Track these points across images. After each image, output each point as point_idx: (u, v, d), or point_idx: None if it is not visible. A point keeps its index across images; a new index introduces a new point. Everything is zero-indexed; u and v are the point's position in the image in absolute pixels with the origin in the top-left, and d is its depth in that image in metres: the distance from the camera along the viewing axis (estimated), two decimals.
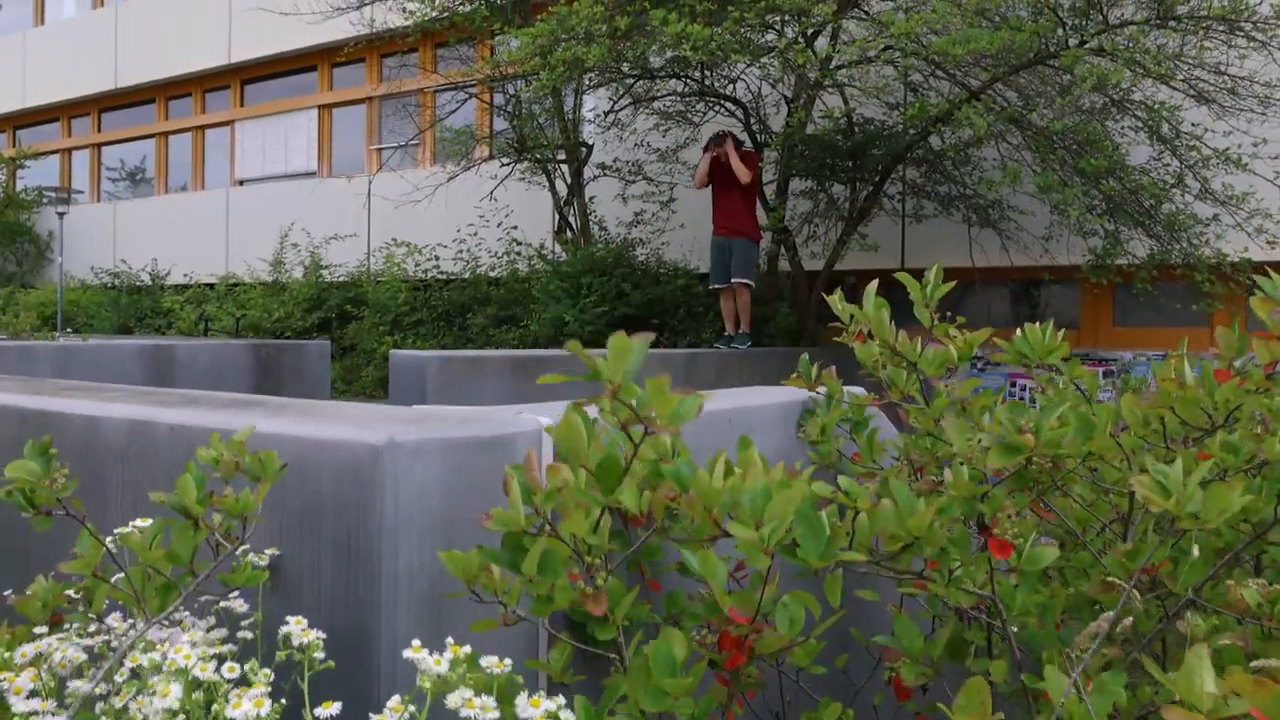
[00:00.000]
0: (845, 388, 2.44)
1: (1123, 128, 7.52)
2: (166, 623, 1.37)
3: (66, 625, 1.43)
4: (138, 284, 15.37)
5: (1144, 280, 7.29)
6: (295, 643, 1.31)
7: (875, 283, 1.83)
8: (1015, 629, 1.40)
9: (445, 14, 10.23)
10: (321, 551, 1.49)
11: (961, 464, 1.37)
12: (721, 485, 1.20)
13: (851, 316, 2.11)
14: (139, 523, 1.46)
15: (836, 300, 2.19)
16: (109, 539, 1.42)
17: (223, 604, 1.47)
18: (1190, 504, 1.11)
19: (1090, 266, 7.33)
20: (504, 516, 1.27)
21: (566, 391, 5.56)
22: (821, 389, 2.09)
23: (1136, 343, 9.01)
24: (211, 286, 14.54)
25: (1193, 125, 7.31)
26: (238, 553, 1.45)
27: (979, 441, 1.35)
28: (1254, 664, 1.04)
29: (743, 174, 7.98)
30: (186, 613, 1.42)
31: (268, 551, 1.52)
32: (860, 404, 2.35)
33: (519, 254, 11.00)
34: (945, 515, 1.30)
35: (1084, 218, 6.87)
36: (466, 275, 11.45)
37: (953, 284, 1.74)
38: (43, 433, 1.95)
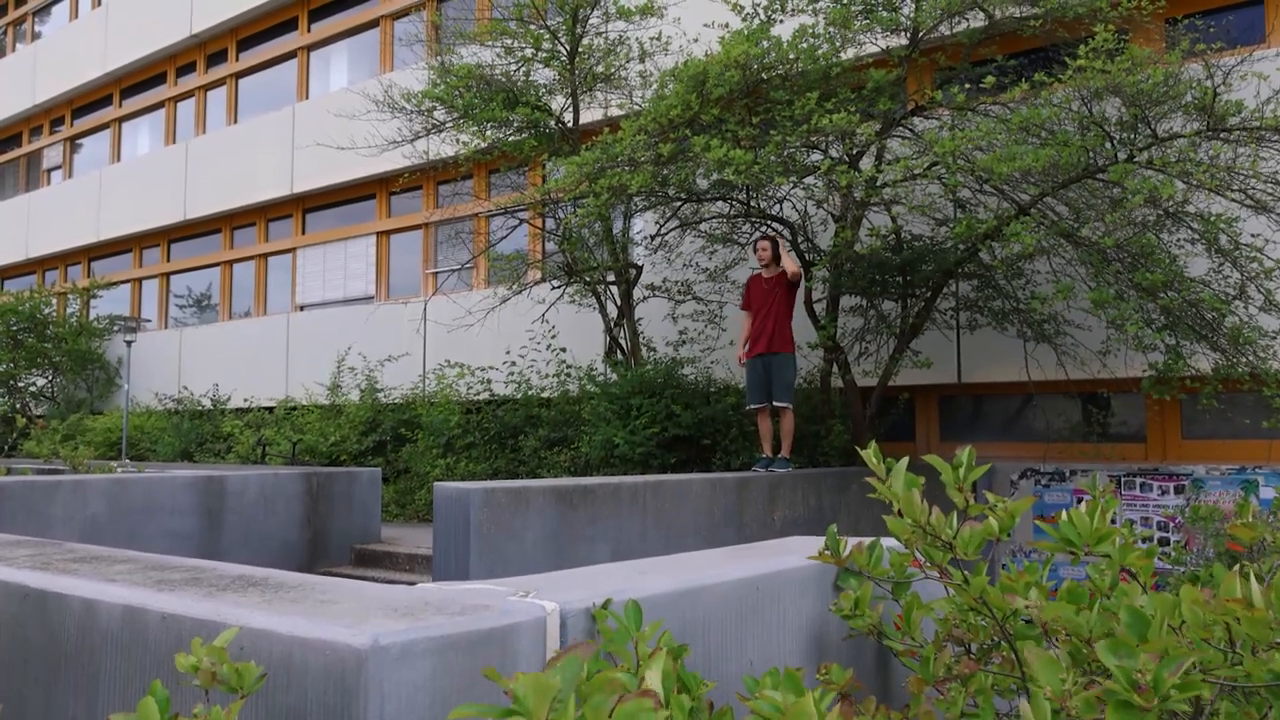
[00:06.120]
0: (885, 541, 2.30)
1: (1179, 240, 7.35)
2: None
3: None
4: (199, 409, 15.65)
5: (1209, 397, 7.03)
6: None
7: (905, 460, 1.71)
8: None
9: (495, 144, 10.47)
10: None
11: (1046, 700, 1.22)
12: None
13: (889, 469, 2.00)
14: None
15: (872, 455, 2.08)
16: None
17: None
18: None
19: (1151, 382, 7.08)
20: None
21: (609, 534, 5.36)
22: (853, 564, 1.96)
23: (1208, 456, 8.65)
24: (270, 410, 14.74)
25: (1253, 236, 7.13)
26: None
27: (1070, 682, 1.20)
28: None
29: (790, 266, 7.87)
30: None
31: None
32: (901, 562, 2.21)
33: (569, 375, 10.99)
34: None
35: (1141, 332, 6.68)
36: (518, 396, 11.45)
37: (986, 467, 1.63)
38: (43, 614, 1.89)
